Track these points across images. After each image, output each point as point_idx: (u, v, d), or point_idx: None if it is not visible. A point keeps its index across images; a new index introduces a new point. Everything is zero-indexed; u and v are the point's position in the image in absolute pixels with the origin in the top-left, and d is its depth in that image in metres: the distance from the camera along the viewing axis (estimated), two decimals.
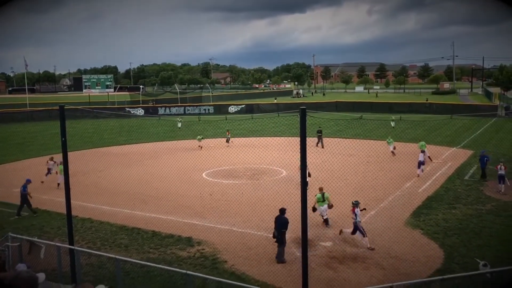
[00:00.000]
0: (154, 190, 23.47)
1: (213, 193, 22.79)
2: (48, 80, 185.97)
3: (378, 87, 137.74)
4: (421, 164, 25.63)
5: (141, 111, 66.74)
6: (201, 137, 37.37)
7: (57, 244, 12.23)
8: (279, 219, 14.48)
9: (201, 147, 36.30)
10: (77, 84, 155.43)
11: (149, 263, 11.85)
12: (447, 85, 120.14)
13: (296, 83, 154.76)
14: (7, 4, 7.50)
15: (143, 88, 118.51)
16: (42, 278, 6.03)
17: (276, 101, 78.83)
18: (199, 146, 36.39)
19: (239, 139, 39.99)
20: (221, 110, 67.69)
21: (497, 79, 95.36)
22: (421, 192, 22.27)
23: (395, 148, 31.38)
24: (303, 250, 9.77)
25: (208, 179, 26.08)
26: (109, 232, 17.51)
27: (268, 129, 45.77)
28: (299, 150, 9.78)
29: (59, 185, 23.65)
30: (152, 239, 16.61)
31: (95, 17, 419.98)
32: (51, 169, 25.93)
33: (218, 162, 29.43)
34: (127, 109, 68.25)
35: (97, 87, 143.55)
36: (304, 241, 9.74)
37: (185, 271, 10.27)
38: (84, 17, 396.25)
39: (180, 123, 49.54)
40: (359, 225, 15.38)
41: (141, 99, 79.38)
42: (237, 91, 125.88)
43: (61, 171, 21.85)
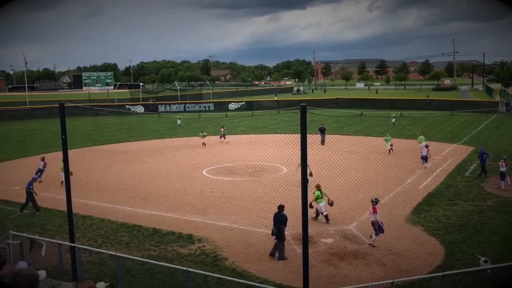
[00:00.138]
0: (154, 187, 23.48)
1: (214, 190, 22.80)
2: (48, 77, 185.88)
3: (378, 84, 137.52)
4: (425, 158, 26.39)
5: (141, 109, 66.72)
6: (204, 133, 36.29)
7: (58, 241, 12.24)
8: (277, 215, 14.50)
9: (205, 144, 35.47)
10: (77, 81, 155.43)
11: (150, 260, 11.86)
12: (447, 82, 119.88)
13: (296, 80, 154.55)
14: (7, 4, 7.47)
15: (143, 85, 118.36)
16: (43, 275, 6.02)
17: (276, 98, 78.76)
18: (203, 143, 35.53)
19: (240, 136, 39.97)
20: (221, 107, 67.65)
21: (498, 75, 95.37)
22: (421, 188, 22.27)
23: (392, 145, 30.89)
24: (303, 246, 9.76)
25: (208, 176, 26.08)
26: (110, 229, 17.54)
27: (268, 126, 45.73)
28: (299, 147, 9.76)
29: (62, 182, 23.60)
30: (152, 236, 16.63)
31: (94, 14, 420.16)
32: (43, 170, 25.18)
33: (218, 159, 29.43)
34: (127, 106, 68.22)
35: (97, 85, 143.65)
36: (304, 237, 9.72)
37: (186, 268, 10.27)
38: (83, 14, 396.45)
39: (179, 121, 49.13)
40: (376, 223, 15.06)
41: (141, 96, 79.24)
42: (237, 88, 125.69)
43: (62, 169, 21.77)
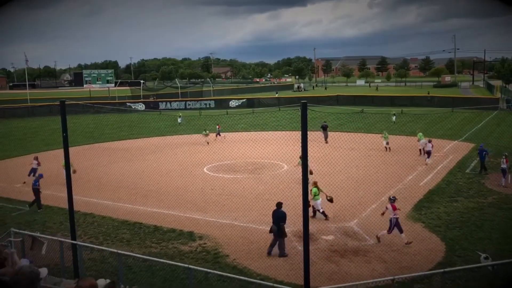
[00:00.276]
0: (155, 184, 23.50)
1: (215, 187, 22.82)
2: (48, 75, 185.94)
3: (379, 81, 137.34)
4: (428, 153, 26.85)
5: (142, 106, 66.69)
6: (207, 132, 35.90)
7: (60, 239, 12.25)
8: (276, 213, 14.52)
9: (208, 142, 35.09)
10: (77, 79, 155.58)
11: (151, 258, 11.87)
12: (448, 78, 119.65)
13: (297, 77, 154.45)
14: (7, 4, 7.47)
15: (143, 83, 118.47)
16: (44, 273, 6.05)
17: (277, 95, 78.73)
18: (206, 141, 35.14)
19: (241, 133, 39.98)
20: (222, 104, 67.61)
21: (498, 72, 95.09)
22: (422, 185, 22.27)
23: (388, 143, 30.68)
24: (304, 243, 9.76)
25: (209, 173, 26.10)
26: (111, 226, 17.57)
27: (269, 124, 45.74)
28: (300, 144, 9.76)
29: None
30: (154, 233, 16.65)
31: (95, 12, 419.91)
32: (36, 169, 24.31)
33: (219, 156, 29.44)
34: (128, 104, 68.23)
35: (97, 82, 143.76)
36: (305, 234, 9.73)
37: (187, 265, 10.29)
38: (84, 12, 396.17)
39: (180, 119, 48.85)
40: (395, 222, 14.91)
41: (141, 94, 79.26)
42: (238, 86, 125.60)
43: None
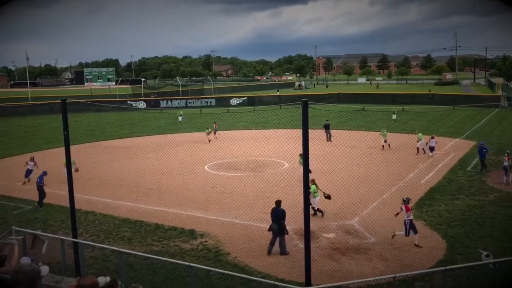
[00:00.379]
0: (156, 183, 23.52)
1: (216, 185, 22.83)
2: (49, 73, 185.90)
3: (380, 78, 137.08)
4: (432, 149, 27.69)
5: (142, 104, 66.70)
6: (209, 130, 35.82)
7: (61, 237, 12.27)
8: (275, 211, 14.53)
9: (210, 140, 34.99)
10: (78, 77, 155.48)
11: (152, 256, 11.91)
12: (449, 76, 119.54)
13: (298, 75, 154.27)
14: (8, 3, 7.46)
15: (144, 81, 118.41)
16: (46, 271, 6.06)
17: (279, 93, 78.64)
18: (209, 140, 35.00)
19: (242, 131, 39.97)
20: (223, 102, 67.56)
21: (500, 69, 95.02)
22: (423, 183, 22.26)
23: (386, 141, 30.61)
24: (305, 241, 9.78)
25: (210, 171, 26.11)
26: (112, 225, 17.59)
27: (270, 122, 45.71)
28: (301, 142, 9.76)
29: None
30: (155, 231, 16.68)
31: (96, 10, 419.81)
32: (32, 170, 24.14)
33: (220, 154, 29.44)
34: (129, 102, 68.22)
35: (98, 80, 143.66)
36: (306, 232, 9.75)
37: (188, 263, 10.31)
38: (84, 10, 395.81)
39: (180, 117, 48.61)
40: (410, 223, 14.79)
41: (142, 92, 79.25)
42: (239, 84, 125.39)
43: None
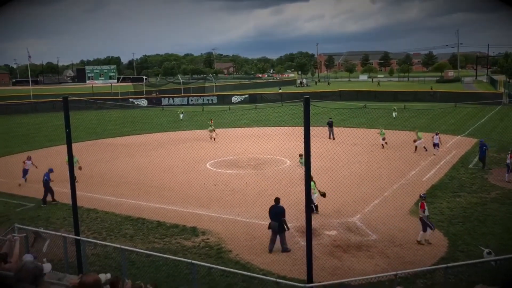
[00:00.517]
0: (158, 180, 23.53)
1: (217, 183, 22.84)
2: (51, 71, 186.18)
3: (382, 76, 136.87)
4: (436, 145, 27.82)
5: (144, 102, 66.72)
6: (212, 127, 35.46)
7: (63, 234, 12.31)
8: (274, 208, 14.55)
9: (214, 138, 34.59)
10: (80, 75, 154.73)
11: (154, 253, 11.92)
12: (451, 73, 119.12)
13: (299, 73, 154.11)
14: (9, 2, 7.45)
15: (146, 78, 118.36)
16: (48, 268, 6.06)
17: (280, 91, 78.55)
18: (211, 137, 34.61)
19: (243, 129, 39.96)
20: (224, 100, 67.57)
21: (502, 66, 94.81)
22: (425, 180, 22.24)
23: (384, 139, 30.54)
24: (307, 239, 9.78)
25: (212, 169, 26.13)
26: (114, 222, 17.63)
27: (271, 119, 45.69)
28: (303, 139, 9.75)
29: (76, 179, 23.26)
30: (157, 229, 16.71)
31: (97, 8, 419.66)
32: (28, 169, 23.76)
33: (222, 152, 29.45)
34: (131, 100, 68.25)
35: (100, 78, 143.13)
36: (308, 230, 9.74)
37: (190, 261, 10.32)
38: (86, 7, 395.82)
39: (182, 115, 48.58)
40: (427, 220, 14.76)
41: (144, 89, 79.24)
42: (240, 81, 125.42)
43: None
